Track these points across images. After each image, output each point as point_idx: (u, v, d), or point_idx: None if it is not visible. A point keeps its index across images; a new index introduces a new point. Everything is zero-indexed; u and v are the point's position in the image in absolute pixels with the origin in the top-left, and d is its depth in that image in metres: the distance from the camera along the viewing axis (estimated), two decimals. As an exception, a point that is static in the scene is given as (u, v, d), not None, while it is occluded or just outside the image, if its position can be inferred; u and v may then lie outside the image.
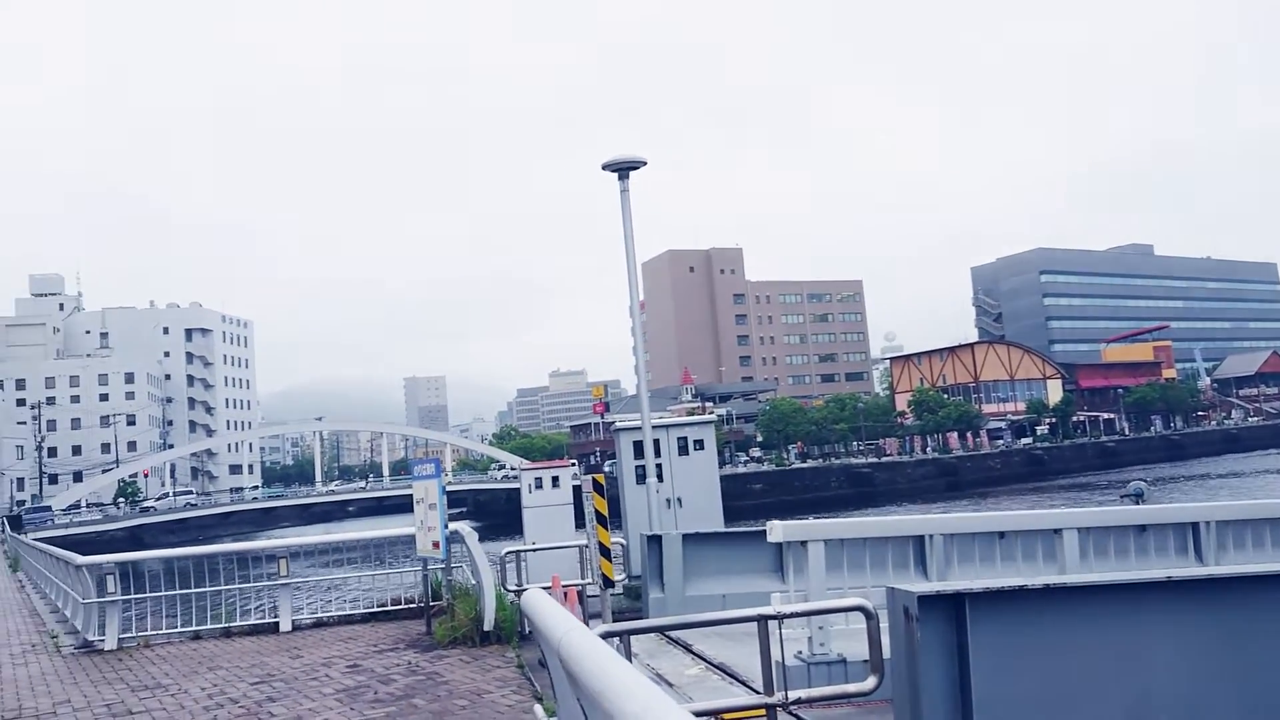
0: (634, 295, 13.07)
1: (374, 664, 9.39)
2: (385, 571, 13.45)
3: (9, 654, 12.37)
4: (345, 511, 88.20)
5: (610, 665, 2.65)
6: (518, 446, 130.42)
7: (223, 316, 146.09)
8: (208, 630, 12.42)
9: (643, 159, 12.74)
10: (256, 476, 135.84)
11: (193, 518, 76.77)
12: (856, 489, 74.10)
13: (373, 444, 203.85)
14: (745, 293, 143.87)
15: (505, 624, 10.10)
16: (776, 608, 5.38)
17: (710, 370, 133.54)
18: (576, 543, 11.82)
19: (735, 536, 11.33)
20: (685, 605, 10.32)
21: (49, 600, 18.88)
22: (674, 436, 13.65)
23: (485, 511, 72.23)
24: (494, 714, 7.12)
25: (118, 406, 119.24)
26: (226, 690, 8.70)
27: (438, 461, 11.06)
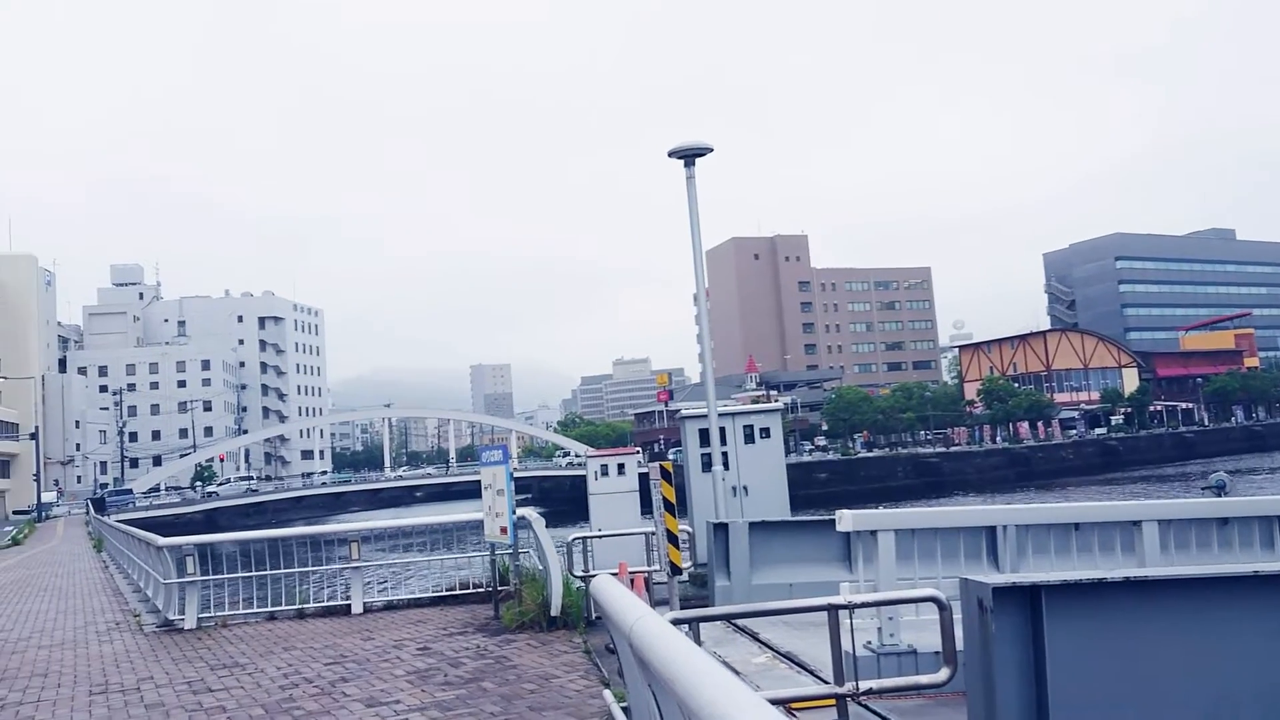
0: (700, 282, 13.03)
1: (443, 647, 9.52)
2: (453, 556, 13.63)
3: (95, 631, 12.81)
4: (413, 497, 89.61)
5: (684, 652, 2.64)
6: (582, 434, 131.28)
7: (294, 305, 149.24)
8: (282, 611, 12.72)
9: (709, 145, 12.67)
10: (327, 462, 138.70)
11: (267, 501, 78.66)
12: (923, 479, 73.17)
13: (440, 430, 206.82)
14: (810, 280, 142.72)
15: (572, 609, 10.17)
16: (846, 597, 5.33)
17: (774, 358, 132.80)
18: (643, 530, 11.85)
19: (802, 525, 11.26)
20: (751, 594, 10.30)
21: (131, 580, 19.50)
22: (740, 424, 13.61)
23: (550, 498, 72.85)
24: (561, 698, 7.17)
25: (195, 393, 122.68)
26: (301, 670, 8.89)
27: (505, 448, 11.16)
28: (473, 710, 6.96)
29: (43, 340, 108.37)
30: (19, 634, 13.08)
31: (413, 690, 7.74)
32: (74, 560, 29.37)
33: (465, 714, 6.87)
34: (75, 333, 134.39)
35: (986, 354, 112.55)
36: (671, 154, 12.70)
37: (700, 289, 13.02)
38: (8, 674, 9.94)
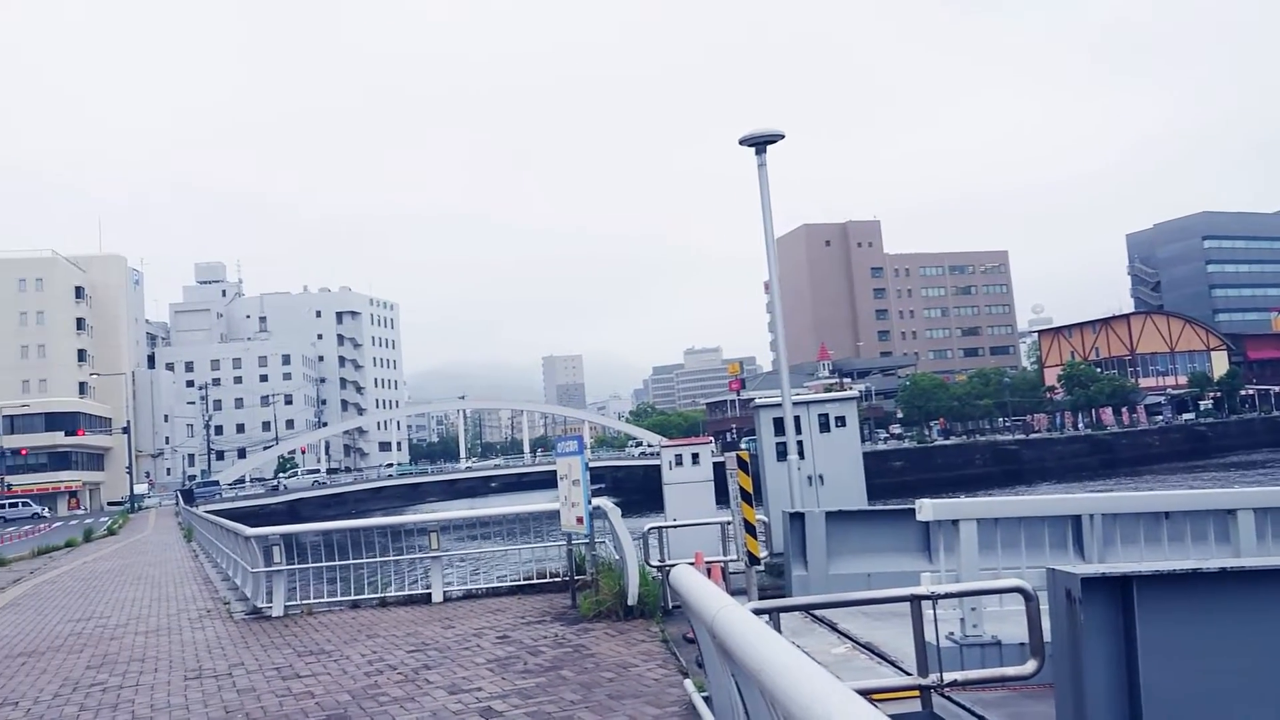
0: (772, 270, 12.93)
1: (522, 635, 9.63)
2: (530, 546, 13.75)
3: (188, 618, 13.24)
4: (489, 487, 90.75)
5: (770, 642, 2.63)
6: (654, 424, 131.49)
7: (370, 299, 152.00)
8: (365, 600, 12.98)
9: (780, 132, 12.55)
10: (404, 453, 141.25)
11: (347, 492, 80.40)
12: (1002, 467, 71.75)
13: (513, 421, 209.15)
14: (883, 266, 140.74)
15: (648, 599, 10.19)
16: (929, 588, 5.25)
17: (847, 346, 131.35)
18: (718, 519, 11.83)
19: (879, 514, 11.13)
20: (829, 584, 10.22)
21: (220, 569, 20.09)
22: (815, 413, 13.49)
23: (623, 488, 73.18)
24: (640, 687, 7.20)
25: (276, 387, 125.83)
26: (385, 657, 9.07)
27: (580, 439, 11.23)
28: (553, 698, 7.03)
29: (132, 338, 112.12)
30: (117, 620, 13.58)
31: (494, 678, 7.84)
32: (166, 550, 30.38)
33: (546, 702, 6.94)
34: (162, 330, 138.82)
35: (1067, 338, 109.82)
36: (742, 142, 12.61)
37: (773, 277, 12.92)
38: (108, 659, 10.33)
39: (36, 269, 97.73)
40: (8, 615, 15.52)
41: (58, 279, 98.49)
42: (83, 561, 27.99)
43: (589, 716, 6.48)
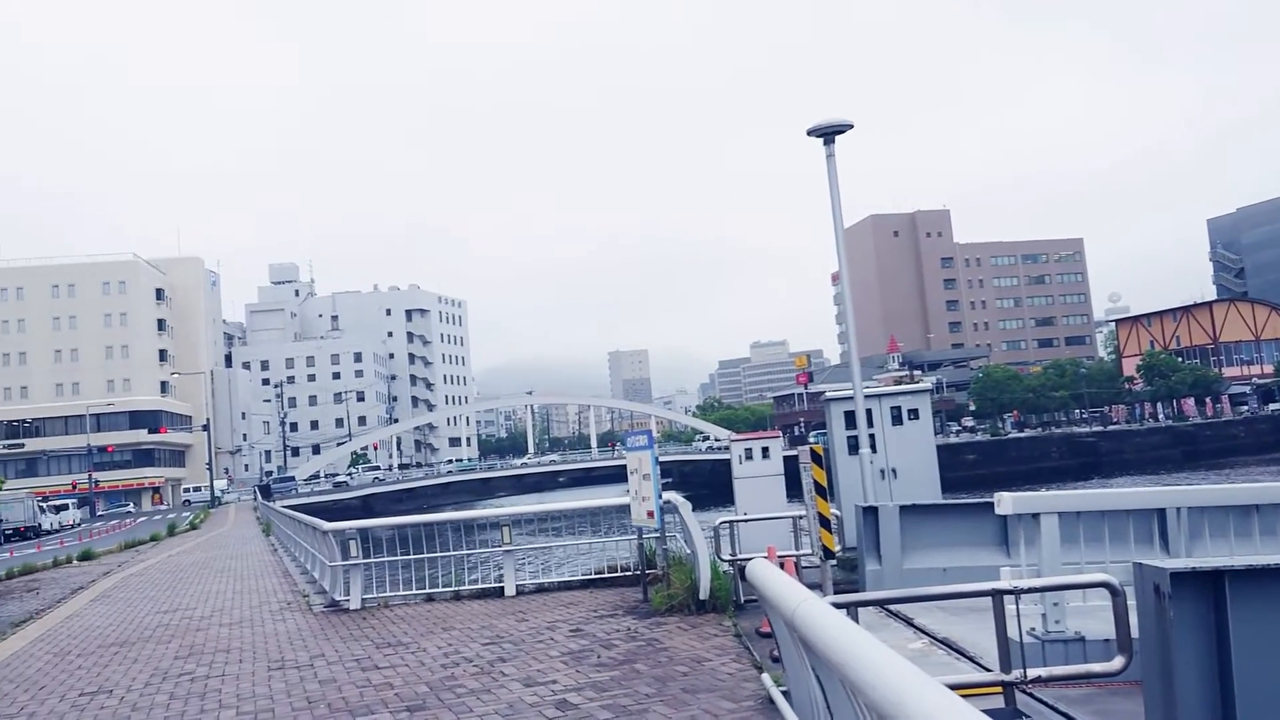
0: (842, 262, 12.80)
1: (595, 629, 9.68)
2: (601, 540, 13.82)
3: (269, 610, 13.57)
4: (556, 482, 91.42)
5: (854, 637, 2.60)
6: (721, 418, 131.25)
7: (439, 297, 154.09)
8: (439, 593, 13.17)
9: (848, 122, 12.41)
10: (474, 448, 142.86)
11: (419, 487, 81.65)
12: (1079, 459, 70.13)
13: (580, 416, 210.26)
14: (954, 256, 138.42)
15: (720, 593, 10.18)
16: (1011, 582, 5.15)
17: (917, 337, 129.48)
18: (790, 513, 11.75)
19: (955, 508, 10.95)
20: (903, 578, 10.09)
21: (298, 562, 20.55)
22: (887, 406, 13.32)
23: (690, 482, 73.08)
24: (715, 681, 7.19)
25: (348, 384, 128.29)
26: (461, 650, 9.19)
27: (650, 433, 11.24)
28: (628, 691, 7.05)
29: (210, 337, 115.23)
30: (202, 612, 13.98)
31: (568, 670, 7.90)
32: (245, 544, 31.18)
33: (621, 695, 6.96)
34: (239, 329, 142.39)
35: (1146, 327, 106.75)
36: (810, 132, 12.49)
37: (842, 268, 12.79)
38: (195, 649, 10.64)
39: (119, 272, 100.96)
40: (100, 606, 16.08)
41: (139, 282, 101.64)
42: (167, 555, 28.87)
43: (664, 710, 6.49)
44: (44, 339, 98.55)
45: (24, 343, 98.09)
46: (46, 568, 26.86)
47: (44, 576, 24.11)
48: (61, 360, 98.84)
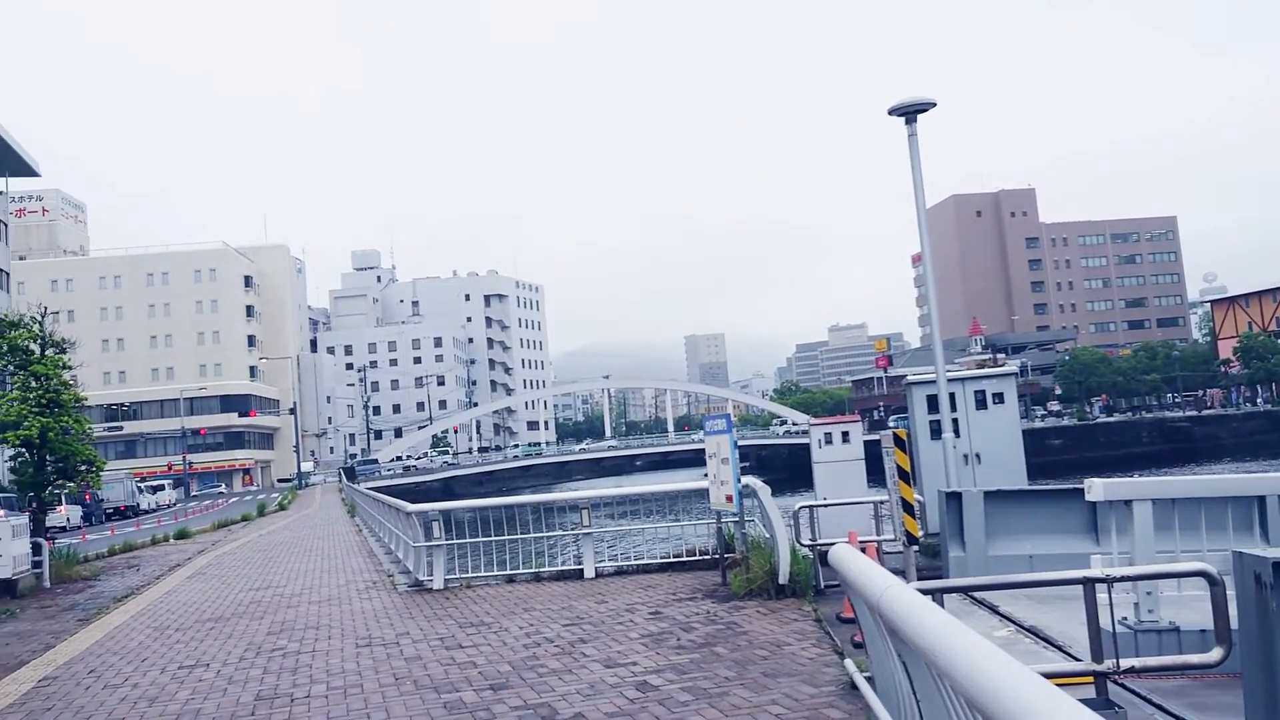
0: (924, 242, 12.56)
1: (674, 612, 9.71)
2: (680, 524, 13.85)
3: (356, 589, 13.91)
4: (633, 465, 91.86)
5: (944, 623, 2.56)
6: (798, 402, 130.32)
7: (516, 282, 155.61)
8: (520, 574, 13.34)
9: (931, 100, 12.14)
10: (551, 432, 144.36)
11: (498, 470, 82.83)
12: (1171, 445, 67.93)
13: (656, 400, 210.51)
14: (1039, 236, 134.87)
15: (800, 578, 10.11)
16: (1104, 570, 5.01)
17: (1001, 320, 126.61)
18: (871, 498, 11.62)
19: (1041, 494, 10.71)
20: (987, 565, 9.91)
21: (382, 542, 21.03)
22: (971, 390, 13.06)
23: (767, 467, 72.78)
24: (795, 666, 7.16)
25: (429, 368, 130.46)
26: (542, 630, 9.31)
27: (729, 417, 11.19)
28: (708, 674, 7.06)
29: (296, 323, 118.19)
30: (292, 590, 14.39)
31: (648, 653, 7.94)
32: (331, 524, 32.00)
33: (701, 678, 6.98)
34: (323, 315, 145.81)
35: (1244, 308, 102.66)
36: (892, 111, 12.26)
37: (924, 249, 12.56)
38: (286, 626, 10.97)
39: (210, 260, 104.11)
40: (196, 583, 16.67)
41: (229, 269, 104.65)
42: (258, 534, 29.78)
43: (745, 694, 6.48)
44: (140, 325, 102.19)
45: (122, 329, 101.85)
46: (145, 545, 27.91)
47: (143, 554, 25.07)
48: (157, 346, 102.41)
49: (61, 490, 21.72)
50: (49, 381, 19.59)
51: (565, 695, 6.80)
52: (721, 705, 6.25)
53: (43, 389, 19.43)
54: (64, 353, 20.61)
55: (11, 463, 20.88)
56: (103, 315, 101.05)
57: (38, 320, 20.40)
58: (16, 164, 70.00)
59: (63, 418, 19.65)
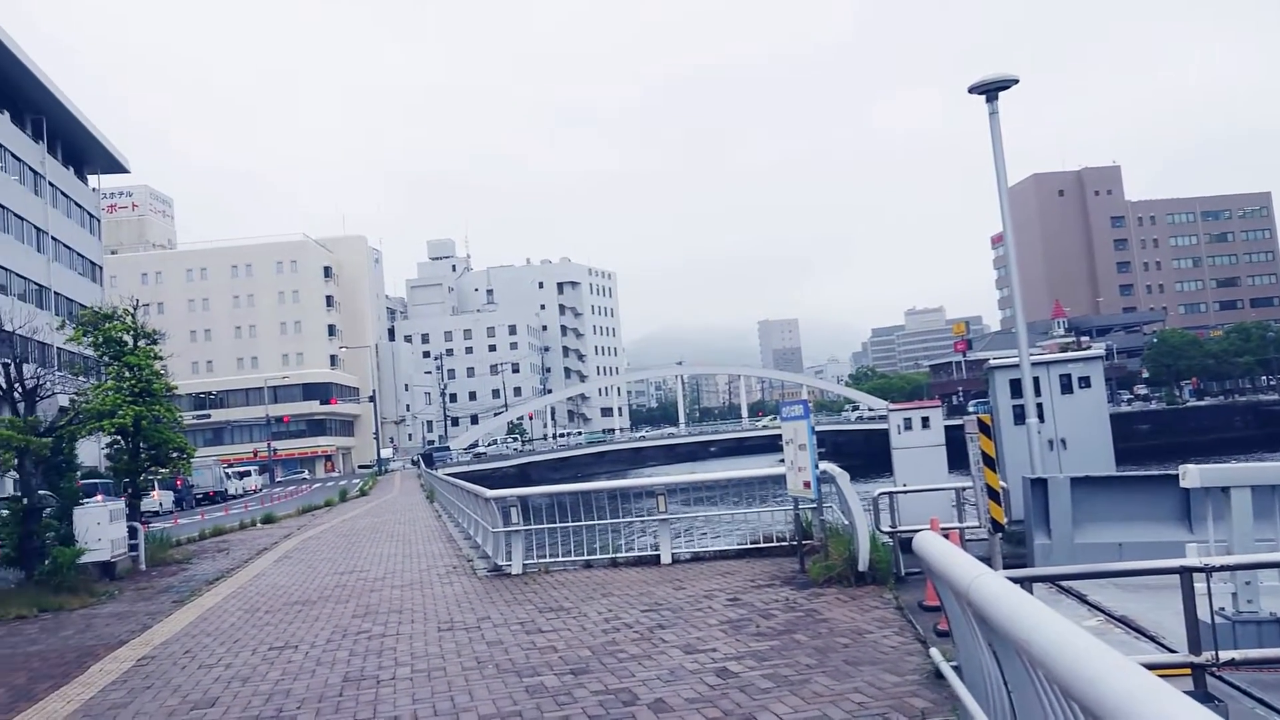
0: (1006, 223, 12.26)
1: (753, 598, 9.68)
2: (757, 510, 13.78)
3: (436, 574, 14.16)
4: (708, 451, 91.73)
5: (1037, 612, 2.50)
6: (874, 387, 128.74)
7: (589, 269, 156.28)
8: (597, 560, 13.42)
9: (1013, 77, 11.82)
10: (625, 418, 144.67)
11: (573, 456, 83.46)
12: (1266, 429, 65.53)
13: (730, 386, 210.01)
14: (1125, 214, 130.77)
15: (880, 565, 9.99)
16: (1201, 560, 4.85)
17: (1084, 301, 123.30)
18: (952, 485, 11.41)
19: (1130, 481, 10.40)
20: (1074, 554, 9.67)
21: (461, 528, 21.35)
22: (1056, 374, 12.73)
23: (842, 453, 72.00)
24: (877, 654, 7.08)
25: (503, 356, 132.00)
26: (620, 616, 9.35)
27: (806, 403, 11.08)
28: (788, 662, 7.02)
29: (374, 312, 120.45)
30: (375, 574, 14.71)
31: (727, 639, 7.93)
32: (411, 510, 32.60)
33: (781, 665, 6.94)
34: (400, 304, 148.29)
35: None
36: (972, 89, 11.96)
37: (1006, 230, 12.27)
38: (371, 609, 11.21)
39: (291, 252, 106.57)
40: (284, 567, 17.14)
41: (309, 260, 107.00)
42: (341, 519, 30.49)
43: (826, 681, 6.43)
44: (225, 316, 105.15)
45: (208, 320, 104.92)
46: (234, 530, 28.79)
47: (232, 538, 25.86)
48: (241, 336, 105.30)
49: (155, 476, 22.48)
50: (142, 372, 20.25)
51: (646, 680, 6.83)
52: (803, 693, 6.21)
53: (136, 379, 20.10)
54: (155, 344, 21.30)
55: (108, 450, 21.66)
56: (190, 307, 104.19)
57: (130, 313, 21.09)
58: (109, 162, 72.41)
59: (155, 406, 20.31)
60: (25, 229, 57.42)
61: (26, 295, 54.45)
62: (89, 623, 12.22)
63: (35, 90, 58.74)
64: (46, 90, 59.33)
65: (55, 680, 8.67)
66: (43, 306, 55.09)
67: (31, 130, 60.43)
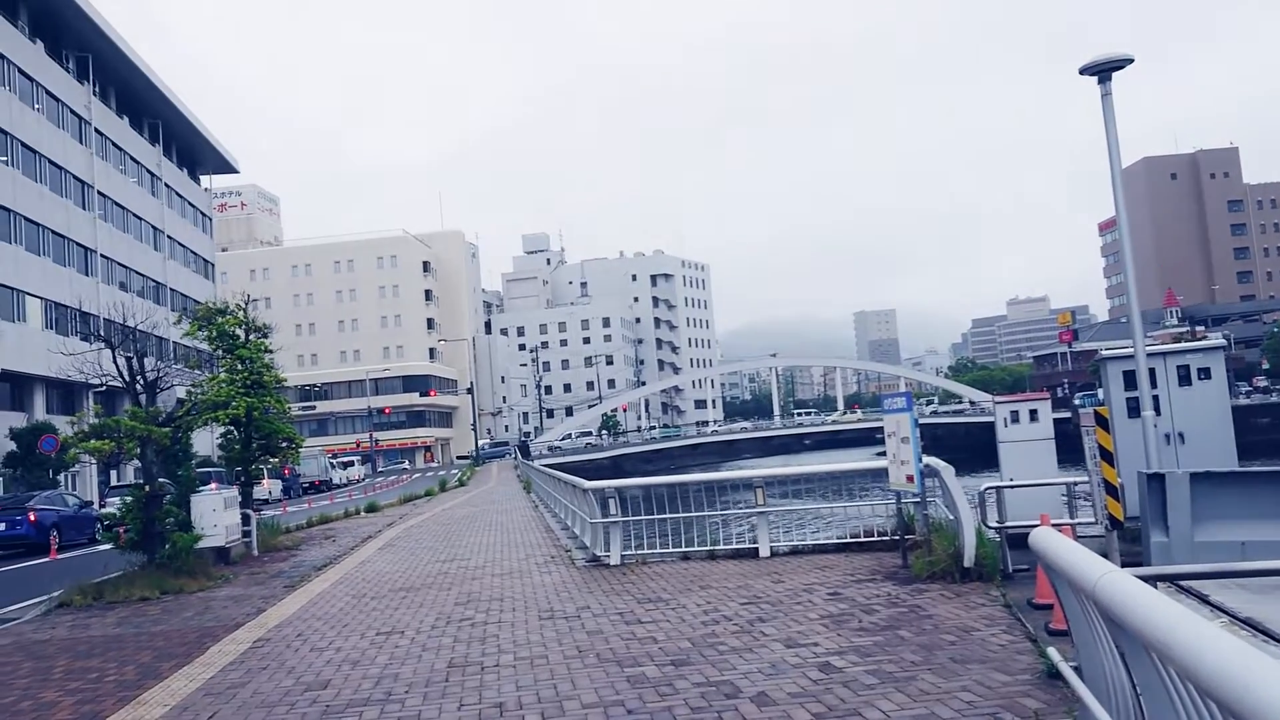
0: (1120, 207, 11.80)
1: (854, 593, 9.54)
2: (858, 504, 13.59)
3: (535, 563, 14.33)
4: (802, 444, 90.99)
5: (1176, 613, 2.38)
6: (974, 379, 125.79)
7: (682, 261, 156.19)
8: (695, 552, 13.40)
9: (1128, 56, 11.35)
10: (719, 411, 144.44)
11: (667, 449, 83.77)
12: (1397, 424, 61.91)
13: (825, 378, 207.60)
14: (1244, 198, 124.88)
15: (986, 561, 9.74)
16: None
17: (1199, 290, 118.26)
18: (1062, 480, 11.06)
19: (1255, 476, 9.91)
20: (1194, 552, 9.27)
21: (559, 519, 21.57)
22: (1173, 365, 12.21)
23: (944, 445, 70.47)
24: (986, 652, 6.90)
25: (597, 348, 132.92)
26: (719, 608, 9.32)
27: (909, 395, 10.86)
28: (893, 658, 6.90)
29: (471, 306, 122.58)
30: (475, 563, 14.96)
31: (828, 634, 7.83)
32: (509, 500, 33.08)
33: (886, 661, 6.82)
34: (496, 298, 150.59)
35: None
36: (1084, 70, 11.52)
37: (1120, 214, 11.80)
38: (472, 597, 11.40)
39: (391, 247, 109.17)
40: (387, 555, 17.56)
41: (408, 255, 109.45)
42: (441, 509, 31.11)
43: (933, 679, 6.29)
44: (329, 310, 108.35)
45: (313, 314, 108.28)
46: (339, 518, 29.64)
47: (338, 526, 26.62)
48: (344, 330, 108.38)
49: (265, 465, 23.27)
50: (253, 364, 20.97)
51: (747, 674, 6.78)
52: (909, 690, 6.09)
53: (248, 371, 20.82)
54: (265, 337, 22.03)
55: (221, 440, 22.50)
56: (295, 301, 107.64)
57: (241, 307, 21.86)
58: (219, 162, 75.17)
59: (265, 398, 21.02)
60: (144, 228, 60.08)
61: (145, 291, 56.99)
62: (207, 605, 12.72)
63: (153, 96, 61.36)
64: (163, 96, 61.92)
65: (178, 660, 9.04)
66: (160, 302, 57.61)
67: (149, 134, 63.13)
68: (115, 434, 15.89)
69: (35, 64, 47.46)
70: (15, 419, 41.55)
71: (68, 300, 46.00)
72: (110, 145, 55.75)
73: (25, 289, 44.48)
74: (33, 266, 45.22)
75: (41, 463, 36.44)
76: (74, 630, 11.41)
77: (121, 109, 58.63)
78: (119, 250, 55.08)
